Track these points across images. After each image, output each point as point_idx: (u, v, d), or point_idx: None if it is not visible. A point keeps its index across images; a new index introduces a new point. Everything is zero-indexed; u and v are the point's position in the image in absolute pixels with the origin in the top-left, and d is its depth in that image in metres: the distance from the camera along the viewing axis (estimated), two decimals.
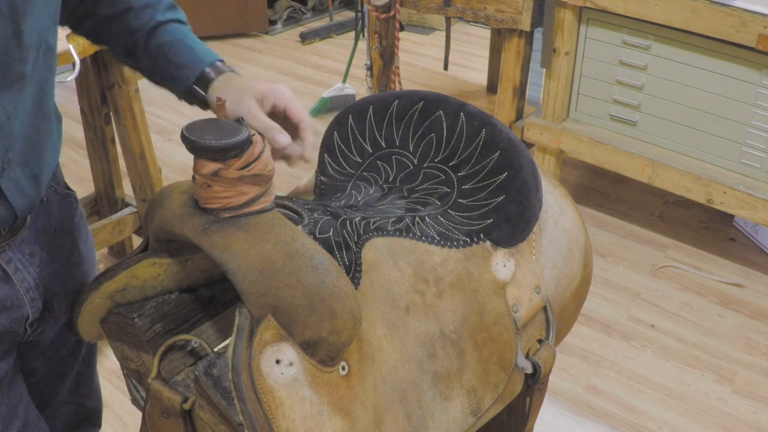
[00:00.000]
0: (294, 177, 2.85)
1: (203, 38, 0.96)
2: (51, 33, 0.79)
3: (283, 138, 0.85)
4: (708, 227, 2.51)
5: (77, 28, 0.98)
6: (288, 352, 0.66)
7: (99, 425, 1.16)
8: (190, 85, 0.93)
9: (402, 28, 2.67)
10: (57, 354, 0.98)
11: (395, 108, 0.97)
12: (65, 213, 0.92)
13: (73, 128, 3.06)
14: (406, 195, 0.92)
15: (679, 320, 2.11)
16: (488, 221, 0.89)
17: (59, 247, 0.90)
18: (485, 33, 4.04)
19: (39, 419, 0.93)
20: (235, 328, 0.65)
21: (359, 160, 0.97)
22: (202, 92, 0.92)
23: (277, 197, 0.77)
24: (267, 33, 4.47)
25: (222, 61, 0.95)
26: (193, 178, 0.70)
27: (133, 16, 0.94)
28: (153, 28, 0.94)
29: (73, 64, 1.63)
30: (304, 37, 4.33)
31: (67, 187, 0.95)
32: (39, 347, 0.94)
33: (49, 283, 0.88)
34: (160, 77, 0.97)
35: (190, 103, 0.96)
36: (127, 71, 1.89)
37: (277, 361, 0.65)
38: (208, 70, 0.92)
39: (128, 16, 0.94)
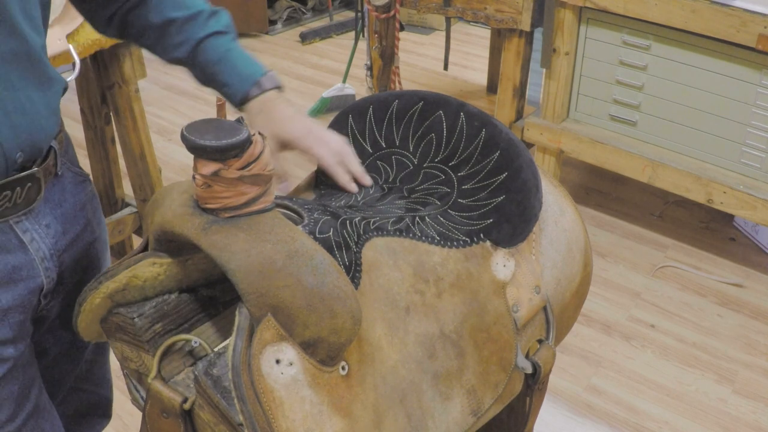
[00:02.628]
0: (294, 177, 2.85)
1: None
2: None
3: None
4: (708, 227, 2.51)
5: (120, 30, 1.00)
6: (288, 352, 0.66)
7: (109, 416, 1.17)
8: (237, 106, 0.98)
9: (402, 28, 2.66)
10: (68, 333, 0.99)
11: (395, 108, 0.97)
12: (79, 190, 0.95)
13: (73, 128, 3.06)
14: (406, 195, 0.92)
15: (679, 320, 2.11)
16: (488, 221, 0.89)
17: (72, 222, 0.92)
18: (485, 33, 4.04)
19: (50, 405, 0.94)
20: (235, 328, 0.65)
21: (359, 160, 0.97)
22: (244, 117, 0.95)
23: (277, 197, 0.77)
24: (267, 33, 4.47)
25: (266, 73, 0.97)
26: (193, 178, 0.70)
27: (176, 30, 0.96)
28: (196, 45, 0.96)
29: (73, 64, 1.63)
30: (304, 37, 4.33)
31: (82, 170, 0.97)
32: (49, 323, 0.96)
33: (63, 256, 0.90)
34: (213, 88, 1.00)
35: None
36: (128, 71, 1.89)
37: (277, 361, 0.65)
38: (250, 89, 0.96)
39: (171, 29, 0.96)
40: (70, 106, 3.04)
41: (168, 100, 3.50)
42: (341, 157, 0.94)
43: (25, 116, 0.80)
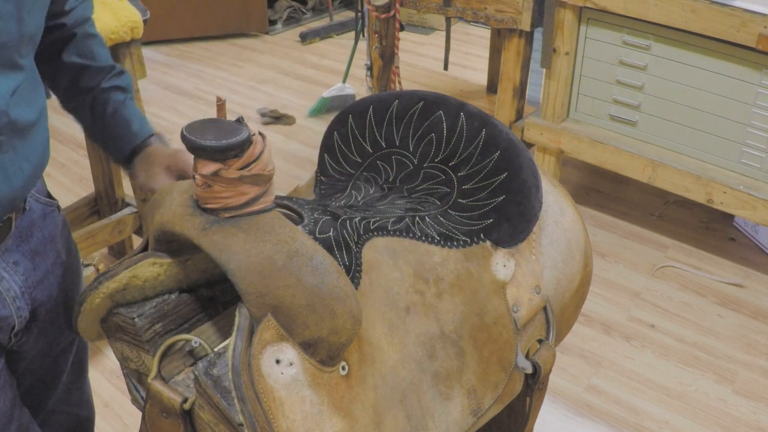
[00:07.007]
0: (294, 177, 2.85)
1: (203, 38, 0.98)
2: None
3: None
4: (708, 227, 2.50)
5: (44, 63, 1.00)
6: (288, 352, 0.66)
7: None
8: (123, 157, 1.04)
9: (402, 28, 2.66)
10: (42, 364, 0.97)
11: (395, 108, 0.97)
12: (47, 222, 0.92)
13: (73, 128, 3.06)
14: (406, 195, 0.92)
15: (679, 320, 2.11)
16: (488, 221, 0.89)
17: (42, 256, 0.89)
18: (485, 33, 4.04)
19: (33, 424, 0.92)
20: (235, 328, 0.65)
21: (359, 160, 0.97)
22: (129, 168, 1.05)
23: (277, 197, 0.77)
24: (267, 33, 4.46)
25: (154, 135, 1.06)
26: (193, 177, 0.70)
27: (88, 77, 1.01)
28: (98, 94, 1.02)
29: None
30: (304, 37, 4.33)
31: (50, 196, 0.95)
32: (24, 357, 0.93)
33: (35, 292, 0.88)
34: (97, 139, 1.06)
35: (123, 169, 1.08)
36: (128, 71, 1.89)
37: (277, 361, 0.65)
38: (139, 144, 1.03)
39: (86, 72, 1.01)
40: None
41: (168, 100, 3.50)
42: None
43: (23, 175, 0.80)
